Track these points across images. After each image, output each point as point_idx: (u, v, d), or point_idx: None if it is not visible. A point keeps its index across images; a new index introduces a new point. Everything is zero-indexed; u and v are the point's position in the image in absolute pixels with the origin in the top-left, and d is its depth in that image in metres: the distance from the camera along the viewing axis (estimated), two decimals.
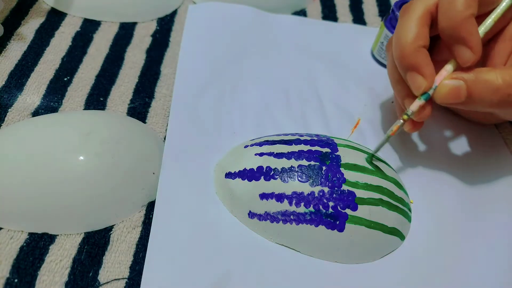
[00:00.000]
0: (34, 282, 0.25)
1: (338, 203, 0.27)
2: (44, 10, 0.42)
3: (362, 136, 0.35)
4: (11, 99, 0.34)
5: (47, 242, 0.26)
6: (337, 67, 0.41)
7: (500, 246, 0.29)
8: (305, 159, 0.28)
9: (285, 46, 0.42)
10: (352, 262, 0.27)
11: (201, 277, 0.25)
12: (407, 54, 0.28)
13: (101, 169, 0.28)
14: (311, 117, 0.36)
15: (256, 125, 0.34)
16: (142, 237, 0.27)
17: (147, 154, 0.31)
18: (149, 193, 0.29)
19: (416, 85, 0.28)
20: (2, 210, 0.27)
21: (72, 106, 0.34)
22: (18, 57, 0.37)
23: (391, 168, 0.31)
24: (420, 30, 0.28)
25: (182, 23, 0.43)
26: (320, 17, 0.47)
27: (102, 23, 0.42)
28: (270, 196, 0.27)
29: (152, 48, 0.40)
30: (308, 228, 0.27)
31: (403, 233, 0.29)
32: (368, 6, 0.49)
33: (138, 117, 0.34)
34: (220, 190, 0.29)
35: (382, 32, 0.40)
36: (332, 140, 0.30)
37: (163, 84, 0.37)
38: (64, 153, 0.28)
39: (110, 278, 0.25)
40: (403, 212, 0.29)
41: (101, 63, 0.38)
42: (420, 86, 0.28)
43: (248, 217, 0.28)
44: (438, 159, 0.34)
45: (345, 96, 0.38)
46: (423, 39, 0.28)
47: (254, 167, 0.29)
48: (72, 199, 0.27)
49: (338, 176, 0.28)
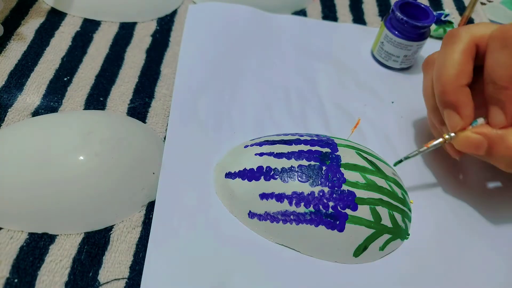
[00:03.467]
0: (34, 282, 0.25)
1: (338, 203, 0.27)
2: (44, 10, 0.42)
3: (362, 136, 0.35)
4: (11, 99, 0.34)
5: (47, 242, 0.26)
6: (337, 67, 0.41)
7: (500, 246, 0.29)
8: (305, 159, 0.28)
9: (285, 46, 0.42)
10: (352, 262, 0.27)
11: (201, 277, 0.25)
12: (448, 92, 0.27)
13: (101, 169, 0.28)
14: (311, 117, 0.36)
15: (256, 125, 0.34)
16: (142, 237, 0.27)
17: (147, 154, 0.31)
18: (149, 193, 0.29)
19: (453, 124, 0.28)
20: (2, 210, 0.27)
21: (72, 106, 0.34)
22: (18, 57, 0.37)
23: (391, 168, 0.31)
24: (464, 67, 0.27)
25: (182, 23, 0.43)
26: (320, 17, 0.47)
27: (102, 23, 0.42)
28: (270, 196, 0.27)
29: (152, 48, 0.40)
30: (308, 228, 0.27)
31: (403, 233, 0.29)
32: (368, 6, 0.49)
33: (138, 117, 0.34)
34: (220, 190, 0.29)
35: (382, 32, 0.40)
36: (332, 140, 0.30)
37: (163, 84, 0.37)
38: (64, 153, 0.28)
39: (110, 278, 0.25)
40: (403, 212, 0.29)
41: (101, 63, 0.38)
42: (456, 126, 0.27)
43: (248, 217, 0.28)
44: (438, 159, 0.34)
45: (345, 96, 0.38)
46: (466, 77, 0.27)
47: (254, 167, 0.29)
48: (72, 199, 0.27)
49: (338, 176, 0.28)
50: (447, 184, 0.32)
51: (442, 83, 0.27)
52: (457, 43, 0.27)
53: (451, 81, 0.27)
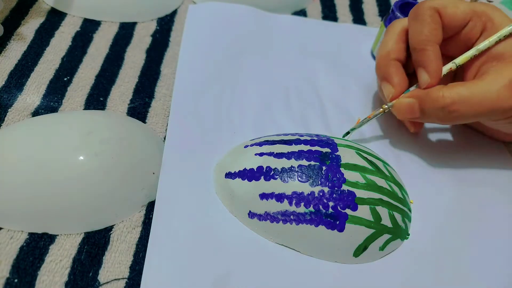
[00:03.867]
0: (34, 282, 0.25)
1: (338, 203, 0.27)
2: (44, 10, 0.42)
3: (362, 136, 0.35)
4: (11, 99, 0.34)
5: (47, 242, 0.26)
6: (337, 67, 0.41)
7: (501, 245, 0.29)
8: (305, 159, 0.28)
9: (285, 46, 0.42)
10: (352, 262, 0.27)
11: (201, 277, 0.25)
12: (380, 66, 0.33)
13: (101, 169, 0.28)
14: (311, 117, 0.36)
15: (256, 125, 0.34)
16: (142, 237, 0.27)
17: (147, 154, 0.31)
18: (149, 193, 0.29)
19: (386, 93, 0.32)
20: (2, 210, 0.27)
21: (72, 106, 0.34)
22: (18, 57, 0.37)
23: (391, 168, 0.31)
24: (395, 46, 0.32)
25: (182, 23, 0.43)
26: (320, 17, 0.47)
27: (102, 23, 0.42)
28: (270, 196, 0.27)
29: (152, 48, 0.40)
30: (308, 228, 0.27)
31: (403, 233, 0.29)
32: (368, 6, 0.49)
33: (138, 117, 0.34)
34: (220, 190, 0.29)
35: (382, 32, 0.40)
36: (332, 140, 0.30)
37: (163, 84, 0.37)
38: (64, 153, 0.28)
39: (110, 278, 0.25)
40: (403, 212, 0.29)
41: (101, 63, 0.38)
42: (389, 94, 0.32)
43: (248, 217, 0.28)
44: (438, 159, 0.34)
45: (345, 96, 0.38)
46: (396, 53, 0.32)
47: (254, 167, 0.29)
48: (72, 199, 0.27)
49: (338, 176, 0.28)
50: (447, 184, 0.32)
51: (377, 59, 0.33)
52: (392, 29, 0.33)
53: (383, 56, 0.32)
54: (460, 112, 0.28)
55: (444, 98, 0.28)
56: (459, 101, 0.28)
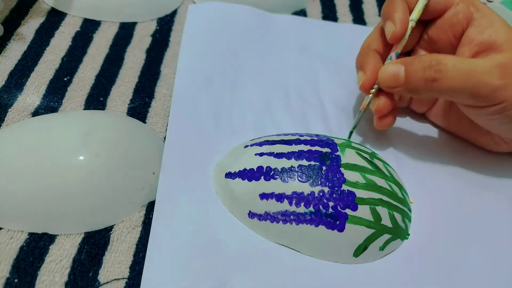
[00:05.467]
0: (34, 282, 0.25)
1: (338, 203, 0.27)
2: (44, 10, 0.42)
3: (362, 136, 0.35)
4: (11, 99, 0.34)
5: (47, 242, 0.26)
6: (337, 67, 0.41)
7: (501, 246, 0.29)
8: (305, 159, 0.28)
9: (285, 46, 0.42)
10: (352, 262, 0.27)
11: (201, 277, 0.25)
12: (358, 56, 0.34)
13: (101, 169, 0.28)
14: (311, 117, 0.36)
15: (256, 125, 0.34)
16: (142, 237, 0.27)
17: (147, 154, 0.31)
18: (149, 193, 0.29)
19: (358, 79, 0.33)
20: (2, 210, 0.27)
21: (72, 106, 0.34)
22: (18, 57, 0.37)
23: (391, 168, 0.31)
24: (376, 38, 0.33)
25: (182, 23, 0.43)
26: (320, 17, 0.47)
27: (102, 23, 0.42)
28: (270, 196, 0.27)
29: (152, 48, 0.40)
30: (308, 228, 0.27)
31: (403, 233, 0.29)
32: (368, 6, 0.49)
33: (138, 117, 0.34)
34: (220, 190, 0.29)
35: None
36: (332, 140, 0.30)
37: (163, 84, 0.37)
38: (64, 153, 0.28)
39: (110, 278, 0.25)
40: (403, 212, 0.29)
41: (101, 63, 0.38)
42: (359, 80, 0.33)
43: (248, 217, 0.28)
44: (439, 159, 0.34)
45: (345, 96, 0.38)
46: (376, 45, 0.33)
47: (254, 167, 0.29)
48: (72, 199, 0.27)
49: (338, 176, 0.28)
50: (447, 184, 0.32)
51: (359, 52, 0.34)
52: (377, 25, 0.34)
53: (363, 48, 0.34)
54: (446, 79, 0.27)
55: (431, 57, 0.28)
56: (447, 63, 0.27)
